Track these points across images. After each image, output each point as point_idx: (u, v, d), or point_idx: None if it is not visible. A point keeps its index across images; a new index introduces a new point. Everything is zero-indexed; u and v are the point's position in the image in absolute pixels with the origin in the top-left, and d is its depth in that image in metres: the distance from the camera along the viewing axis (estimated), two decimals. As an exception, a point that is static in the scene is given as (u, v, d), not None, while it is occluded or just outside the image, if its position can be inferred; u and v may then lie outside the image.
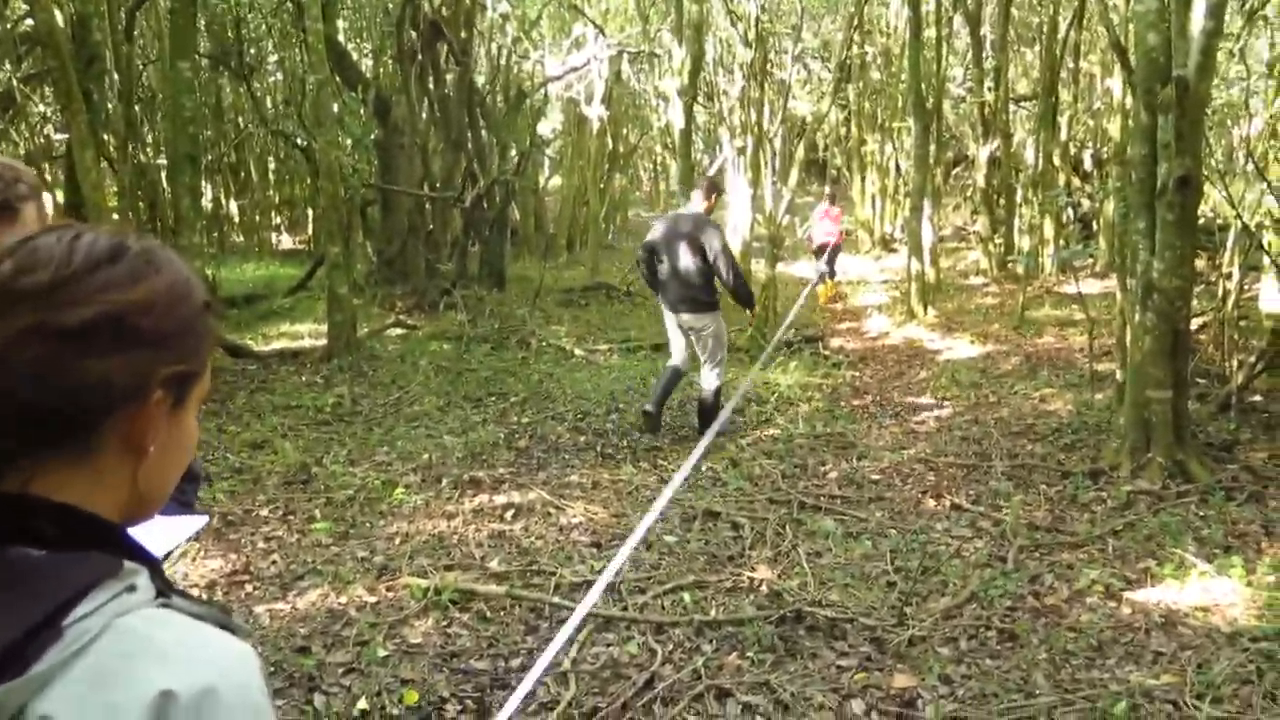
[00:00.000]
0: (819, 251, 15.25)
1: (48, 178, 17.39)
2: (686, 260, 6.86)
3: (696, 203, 7.13)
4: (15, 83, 11.95)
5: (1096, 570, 4.56)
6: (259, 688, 0.79)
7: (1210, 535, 4.90)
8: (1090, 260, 14.16)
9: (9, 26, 12.61)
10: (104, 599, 0.75)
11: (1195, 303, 6.92)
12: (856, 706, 3.45)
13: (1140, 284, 5.81)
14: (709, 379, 7.11)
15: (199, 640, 0.78)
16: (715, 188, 7.34)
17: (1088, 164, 17.25)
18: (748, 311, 7.74)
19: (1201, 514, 5.19)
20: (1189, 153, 5.47)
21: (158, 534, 1.51)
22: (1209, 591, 4.30)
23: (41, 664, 0.71)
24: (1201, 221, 8.17)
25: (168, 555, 1.57)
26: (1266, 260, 6.96)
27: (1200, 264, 9.75)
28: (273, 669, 3.68)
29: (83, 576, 0.76)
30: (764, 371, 9.26)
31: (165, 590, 0.82)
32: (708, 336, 7.06)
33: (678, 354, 7.23)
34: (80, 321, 0.79)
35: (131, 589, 0.78)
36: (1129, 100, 6.69)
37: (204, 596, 4.39)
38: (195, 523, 1.68)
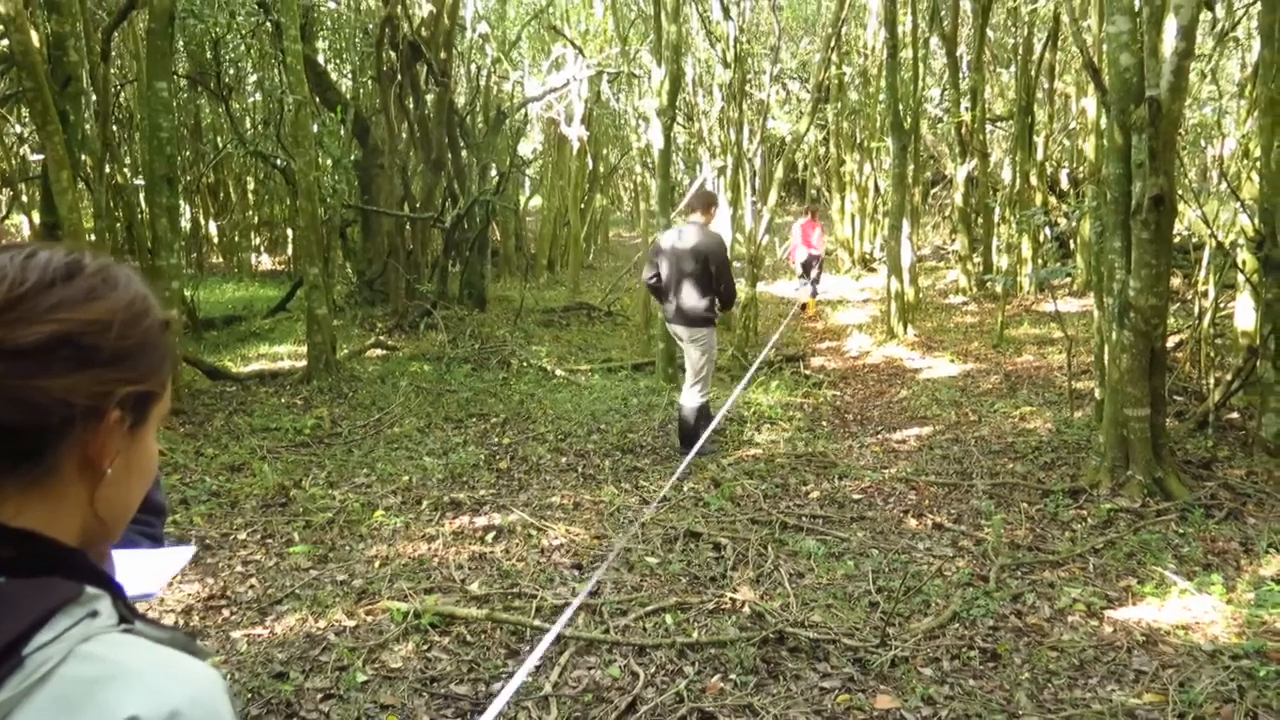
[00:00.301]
0: (805, 268, 15.47)
1: (24, 199, 17.27)
2: (689, 275, 7.03)
3: (695, 218, 7.21)
4: (-9, 103, 11.88)
5: (1078, 589, 4.57)
6: (226, 711, 0.78)
7: (1190, 553, 4.93)
8: (1068, 279, 14.28)
9: (-15, 47, 12.51)
10: (65, 625, 0.74)
11: (1172, 321, 7.00)
12: (840, 728, 3.43)
13: (1117, 302, 5.85)
14: (691, 396, 7.14)
15: (163, 664, 0.77)
16: (707, 199, 7.40)
17: (1064, 183, 17.42)
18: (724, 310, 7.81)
19: (1181, 531, 5.22)
20: (1163, 172, 5.53)
21: (148, 570, 1.49)
22: (1189, 609, 4.31)
23: (3, 693, 0.70)
24: (1177, 240, 8.26)
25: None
26: (1241, 278, 7.03)
27: (1176, 282, 9.86)
28: (250, 695, 3.63)
29: (44, 603, 0.74)
30: (745, 391, 9.27)
31: (127, 616, 0.81)
32: (697, 350, 7.11)
33: (689, 385, 7.31)
34: (35, 340, 0.78)
35: (93, 614, 0.77)
36: (1103, 120, 6.76)
37: (178, 622, 4.33)
38: (183, 555, 1.66)
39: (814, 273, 15.63)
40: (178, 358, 0.87)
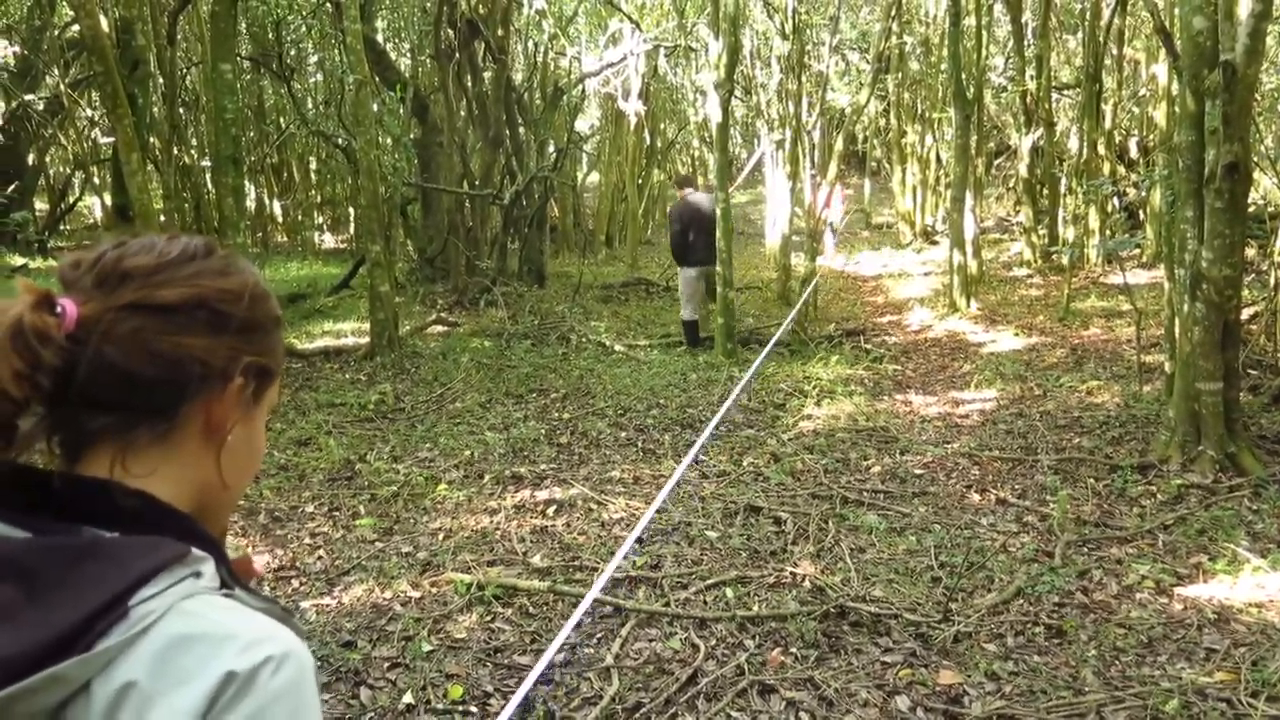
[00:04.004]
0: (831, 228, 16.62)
1: (95, 181, 17.70)
2: (710, 229, 10.08)
3: (696, 190, 10.65)
4: (63, 88, 12.17)
5: (1146, 565, 4.49)
6: (310, 681, 0.80)
7: (1264, 529, 4.82)
8: (1136, 250, 13.94)
9: (56, 33, 12.83)
10: (169, 582, 0.78)
11: (1246, 292, 6.80)
12: (902, 703, 3.43)
13: (1189, 274, 5.71)
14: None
15: (257, 628, 0.80)
16: (687, 180, 11.07)
17: (1133, 152, 16.97)
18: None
19: (1254, 508, 5.10)
20: (1237, 138, 5.36)
21: None
22: (1263, 587, 4.22)
23: (107, 641, 0.74)
24: (1251, 209, 8.01)
25: None
26: (1320, 248, 6.82)
27: (1250, 252, 9.57)
28: (319, 663, 3.72)
29: (151, 560, 0.78)
30: (805, 365, 9.24)
31: (229, 582, 0.85)
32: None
33: (695, 309, 10.39)
34: (177, 299, 0.86)
35: (197, 575, 0.81)
36: (1175, 86, 6.56)
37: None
38: None
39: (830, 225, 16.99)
40: (284, 353, 0.92)
